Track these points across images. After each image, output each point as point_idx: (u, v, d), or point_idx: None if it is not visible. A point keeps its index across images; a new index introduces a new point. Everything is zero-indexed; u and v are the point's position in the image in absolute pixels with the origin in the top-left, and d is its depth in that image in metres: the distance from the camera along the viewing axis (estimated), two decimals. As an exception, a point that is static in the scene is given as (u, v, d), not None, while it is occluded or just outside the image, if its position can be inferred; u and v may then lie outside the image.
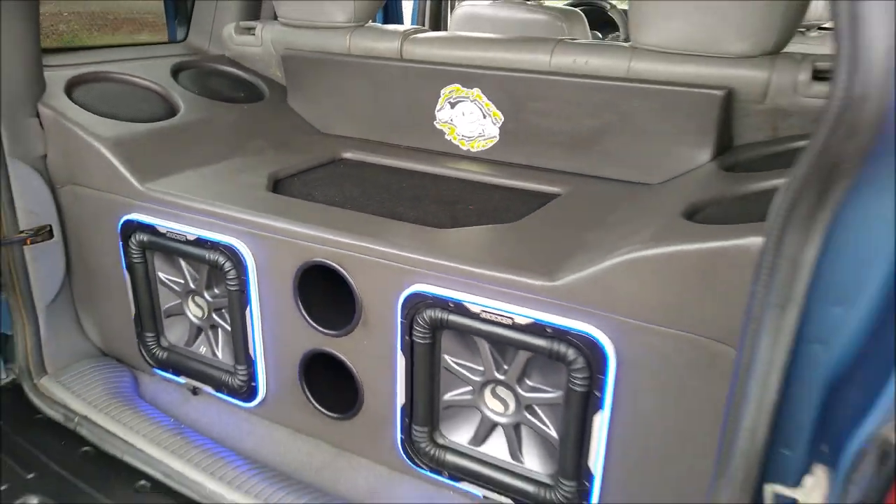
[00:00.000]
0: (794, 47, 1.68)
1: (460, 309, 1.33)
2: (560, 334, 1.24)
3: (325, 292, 1.57)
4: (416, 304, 1.38)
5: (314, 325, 1.55)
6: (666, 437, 1.23)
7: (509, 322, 1.29)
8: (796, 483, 0.92)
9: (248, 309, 1.61)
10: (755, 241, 1.04)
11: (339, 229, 1.47)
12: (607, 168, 1.80)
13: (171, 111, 1.99)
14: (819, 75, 1.56)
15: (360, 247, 1.43)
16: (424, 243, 1.41)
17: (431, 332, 1.39)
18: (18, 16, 1.70)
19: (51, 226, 1.84)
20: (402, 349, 1.43)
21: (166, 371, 1.86)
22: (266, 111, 2.21)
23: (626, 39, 4.30)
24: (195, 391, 1.85)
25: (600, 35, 4.20)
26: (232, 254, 1.58)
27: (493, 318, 1.30)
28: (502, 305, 1.29)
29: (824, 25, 4.03)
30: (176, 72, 2.18)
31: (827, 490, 0.85)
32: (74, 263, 1.93)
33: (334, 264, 1.46)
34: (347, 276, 1.46)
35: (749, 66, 1.61)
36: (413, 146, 2.08)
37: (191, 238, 1.63)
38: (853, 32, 0.72)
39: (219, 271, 1.63)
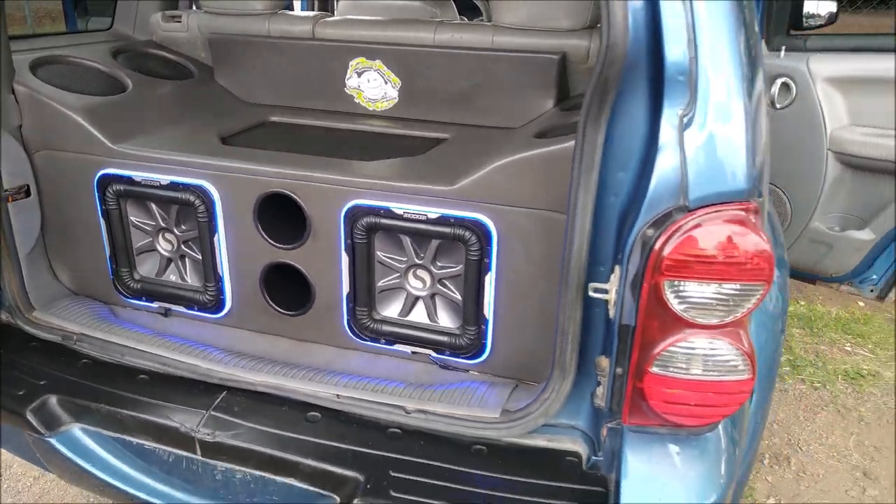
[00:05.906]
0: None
1: (388, 213, 1.87)
2: (459, 222, 1.81)
3: (274, 218, 2.04)
4: (355, 213, 1.89)
5: (273, 242, 2.02)
6: (530, 282, 1.82)
7: (424, 218, 1.84)
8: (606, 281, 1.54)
9: (215, 236, 2.06)
10: (573, 143, 1.65)
11: (291, 165, 1.96)
12: (480, 118, 2.39)
13: (121, 87, 2.37)
14: None
15: (310, 176, 1.92)
16: (359, 170, 1.93)
17: (367, 234, 1.92)
18: None
19: (28, 185, 2.18)
20: (345, 250, 1.94)
21: (139, 299, 2.26)
22: (198, 86, 2.62)
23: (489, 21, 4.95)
24: (166, 313, 2.26)
25: (467, 18, 4.84)
26: (201, 192, 2.02)
27: (412, 216, 1.85)
28: (418, 207, 1.84)
29: None
30: (115, 54, 2.54)
31: (618, 276, 1.47)
32: (48, 218, 2.27)
33: (288, 192, 1.95)
34: (299, 200, 1.95)
35: (576, 36, 2.26)
36: (326, 109, 2.58)
37: (164, 183, 2.05)
38: (608, 14, 1.32)
39: (189, 208, 2.06)
